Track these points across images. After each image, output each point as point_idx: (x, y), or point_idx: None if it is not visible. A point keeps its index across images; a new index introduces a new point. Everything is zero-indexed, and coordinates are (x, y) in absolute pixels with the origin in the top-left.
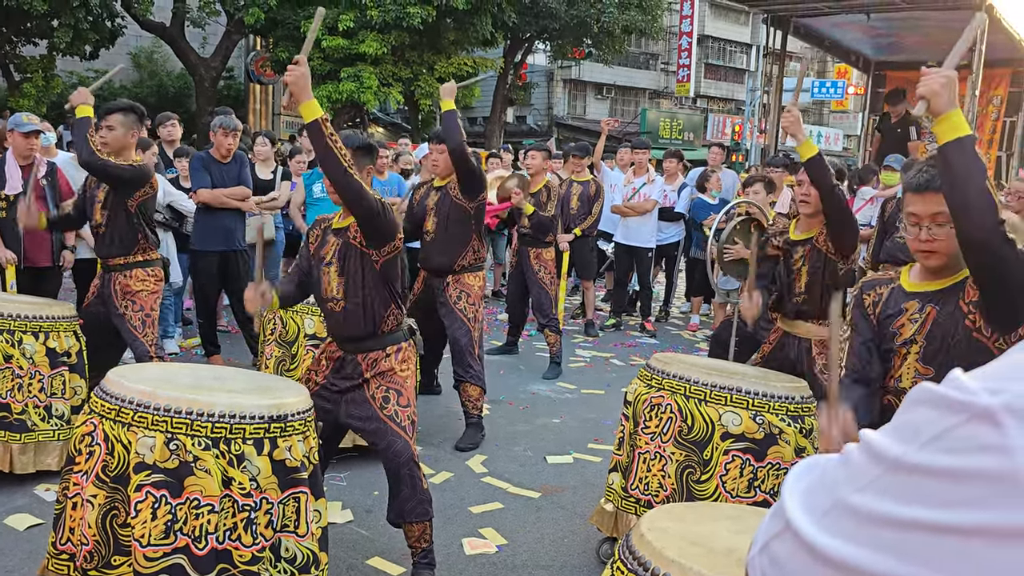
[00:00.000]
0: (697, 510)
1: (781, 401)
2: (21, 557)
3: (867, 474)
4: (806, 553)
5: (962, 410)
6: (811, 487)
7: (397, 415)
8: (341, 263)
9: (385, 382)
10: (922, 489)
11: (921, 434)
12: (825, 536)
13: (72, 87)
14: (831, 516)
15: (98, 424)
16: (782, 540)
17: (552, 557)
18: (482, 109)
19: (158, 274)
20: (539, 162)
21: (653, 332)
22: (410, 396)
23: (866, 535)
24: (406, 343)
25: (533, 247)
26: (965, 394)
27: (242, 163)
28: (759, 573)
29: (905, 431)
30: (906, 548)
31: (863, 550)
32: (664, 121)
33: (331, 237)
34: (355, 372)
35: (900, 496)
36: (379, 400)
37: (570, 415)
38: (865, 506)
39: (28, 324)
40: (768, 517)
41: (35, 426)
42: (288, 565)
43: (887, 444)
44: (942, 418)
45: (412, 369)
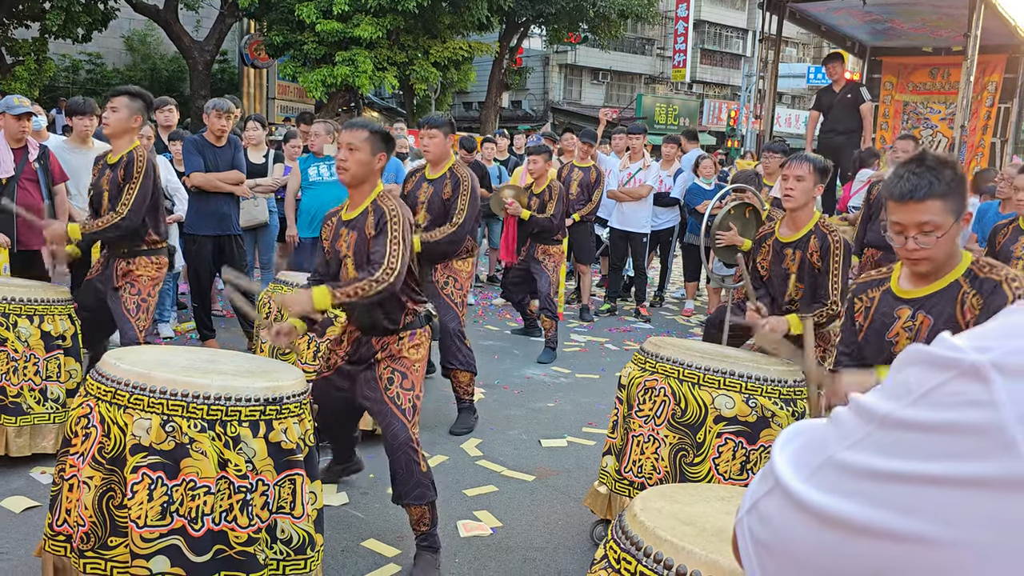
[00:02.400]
0: (689, 491)
1: (774, 384)
2: (17, 539)
3: (857, 431)
4: (796, 509)
5: (951, 367)
6: (801, 448)
7: (399, 397)
8: (356, 258)
9: (393, 364)
10: (912, 443)
11: (911, 391)
12: (815, 492)
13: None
14: (821, 473)
15: (94, 406)
16: (771, 498)
17: (546, 539)
18: (477, 94)
19: (161, 261)
20: (541, 165)
21: (648, 317)
22: (415, 380)
23: (857, 489)
24: (421, 329)
25: (542, 243)
26: (954, 352)
27: (236, 147)
28: (747, 533)
29: (895, 389)
30: (897, 500)
31: (854, 504)
32: (660, 106)
33: (343, 229)
34: (369, 353)
35: (890, 451)
36: (384, 381)
37: (564, 399)
38: (856, 462)
39: (23, 307)
40: (756, 479)
41: (31, 409)
42: (284, 546)
43: (876, 402)
44: (931, 375)
45: (424, 354)
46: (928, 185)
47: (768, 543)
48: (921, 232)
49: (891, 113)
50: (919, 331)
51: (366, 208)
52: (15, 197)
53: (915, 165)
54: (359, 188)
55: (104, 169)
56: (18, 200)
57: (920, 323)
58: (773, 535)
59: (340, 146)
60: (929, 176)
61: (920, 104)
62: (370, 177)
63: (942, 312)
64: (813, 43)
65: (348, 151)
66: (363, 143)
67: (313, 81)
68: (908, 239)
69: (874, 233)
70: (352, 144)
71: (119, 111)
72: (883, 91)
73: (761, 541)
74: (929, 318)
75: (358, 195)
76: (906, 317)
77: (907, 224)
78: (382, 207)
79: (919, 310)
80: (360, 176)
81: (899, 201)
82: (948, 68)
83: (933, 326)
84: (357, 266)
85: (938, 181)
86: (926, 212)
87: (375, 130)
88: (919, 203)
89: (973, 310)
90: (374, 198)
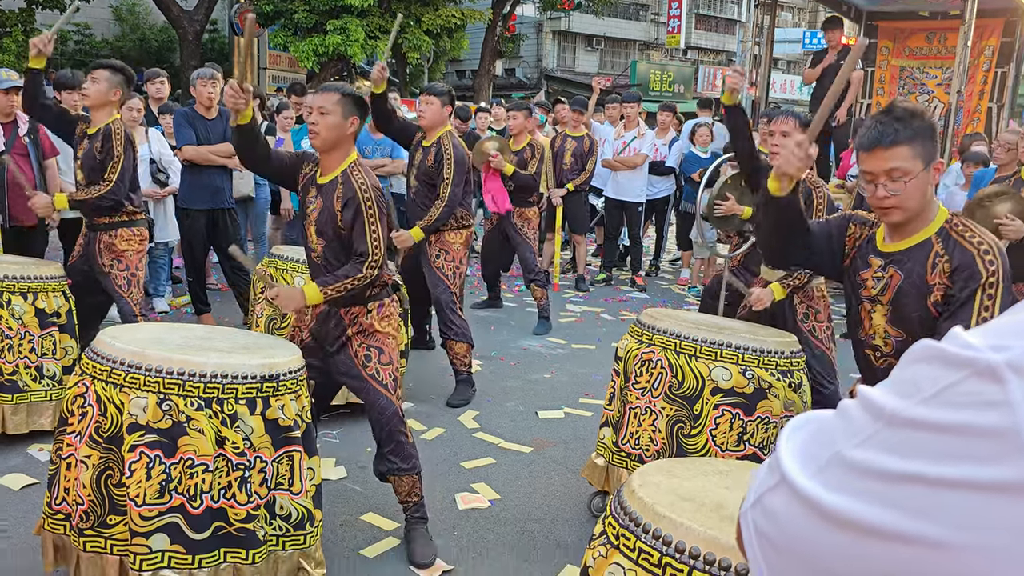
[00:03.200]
0: (688, 465)
1: (771, 356)
2: (16, 516)
3: (866, 428)
4: (802, 506)
5: (965, 366)
6: (807, 441)
7: (379, 373)
8: (319, 225)
9: (367, 340)
10: (923, 443)
11: (922, 389)
12: (822, 490)
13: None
14: (829, 470)
15: (90, 385)
16: (777, 493)
17: (544, 511)
18: (470, 62)
19: (143, 234)
20: (520, 122)
21: (643, 286)
22: (392, 353)
23: (865, 489)
24: (388, 299)
25: (518, 206)
26: (968, 350)
27: (227, 119)
28: (752, 526)
29: (905, 386)
30: (907, 502)
31: (862, 504)
32: (655, 73)
33: (312, 189)
34: (338, 329)
35: (901, 450)
36: (361, 358)
37: (561, 370)
38: (865, 460)
39: (16, 285)
40: (762, 471)
41: (26, 387)
42: (283, 522)
43: (886, 399)
44: (944, 374)
45: (395, 325)
46: (894, 132)
47: (773, 539)
48: (890, 179)
49: (887, 79)
50: (888, 285)
51: (335, 177)
52: (5, 171)
53: (883, 115)
54: (331, 153)
55: (82, 137)
56: (9, 174)
57: (891, 276)
58: (778, 531)
59: (312, 110)
60: (896, 124)
61: (916, 69)
62: (342, 142)
63: (912, 270)
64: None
65: (319, 115)
66: (334, 106)
67: (304, 51)
68: (878, 187)
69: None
70: (323, 108)
71: (99, 83)
72: (879, 56)
73: (766, 536)
74: (900, 274)
75: (330, 160)
76: (876, 267)
77: (876, 172)
78: (352, 183)
79: (890, 263)
80: (331, 140)
81: (868, 150)
82: (945, 32)
83: (903, 283)
84: (318, 232)
85: (904, 127)
86: (894, 158)
87: (346, 93)
88: (886, 149)
89: (943, 275)
90: (345, 167)
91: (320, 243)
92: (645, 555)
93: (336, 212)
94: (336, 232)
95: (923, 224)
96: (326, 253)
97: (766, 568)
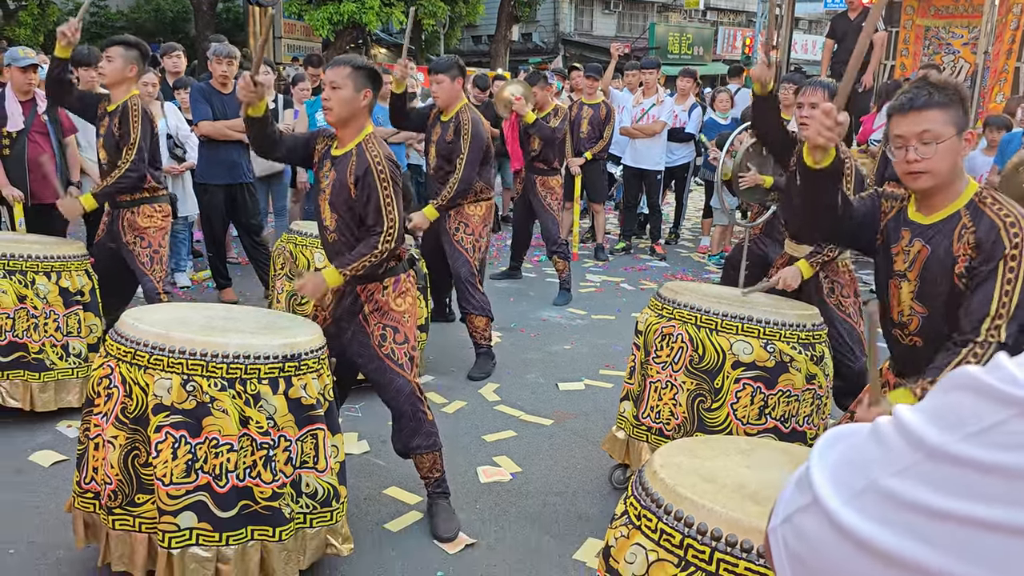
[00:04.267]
0: (711, 444)
1: (792, 329)
2: (47, 493)
3: (904, 458)
4: (834, 531)
5: (1011, 403)
6: (840, 463)
7: (394, 353)
8: (332, 198)
9: (383, 319)
10: (966, 482)
11: (966, 424)
12: (856, 517)
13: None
14: (864, 497)
15: (115, 367)
16: (809, 514)
17: (565, 484)
18: (487, 27)
19: (165, 210)
20: (540, 95)
21: (663, 255)
22: (408, 332)
23: (901, 521)
24: (404, 274)
25: (540, 175)
26: (1016, 388)
27: None
28: (782, 543)
29: (946, 417)
30: (943, 539)
31: (897, 536)
32: (673, 35)
33: (327, 163)
34: (355, 306)
35: (941, 487)
36: (377, 338)
37: (581, 341)
38: (902, 492)
39: (40, 264)
40: (792, 486)
41: (53, 365)
42: (309, 500)
43: (926, 429)
44: (990, 410)
45: (412, 302)
46: (928, 95)
47: (803, 558)
48: (921, 142)
49: (911, 39)
50: (916, 259)
51: (350, 150)
52: (26, 150)
53: (918, 82)
54: (346, 127)
55: (103, 115)
56: (29, 153)
57: (918, 251)
58: (809, 551)
59: (324, 84)
60: (930, 89)
61: (942, 29)
62: (357, 115)
63: (939, 243)
64: None
65: (331, 89)
66: (345, 80)
67: (319, 19)
68: (909, 150)
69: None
70: (335, 82)
71: (114, 60)
72: (904, 16)
73: (796, 555)
74: (927, 247)
75: (345, 134)
76: (906, 240)
77: (908, 135)
78: (367, 157)
79: (918, 237)
80: (345, 115)
81: (900, 112)
82: None
83: (930, 256)
84: (331, 206)
85: (939, 93)
86: (926, 121)
87: (358, 66)
88: (919, 112)
89: (967, 246)
90: (360, 140)
91: (334, 218)
92: (667, 536)
93: (349, 185)
94: (349, 206)
95: (953, 197)
96: (340, 228)
97: None
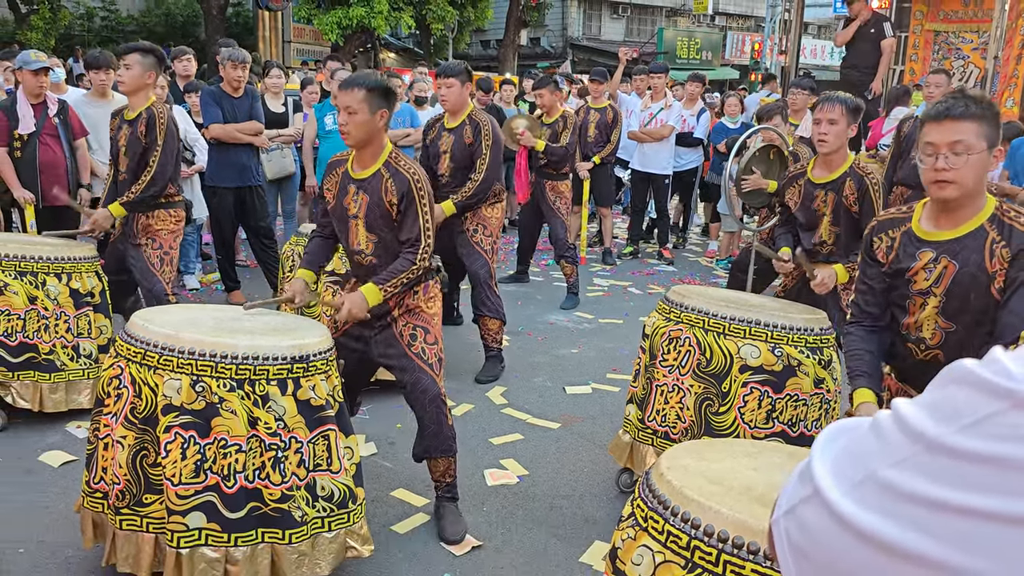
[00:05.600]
0: (717, 447)
1: (800, 333)
2: (57, 493)
3: (902, 450)
4: (834, 522)
5: (1006, 397)
6: (841, 455)
7: (424, 352)
8: (369, 221)
9: (412, 320)
10: (962, 473)
11: (962, 416)
12: (856, 507)
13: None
14: (863, 488)
15: (124, 367)
16: (810, 506)
17: (572, 487)
18: (495, 32)
19: (180, 215)
20: (548, 98)
21: (671, 259)
22: (437, 334)
23: (899, 511)
24: (432, 281)
25: (549, 179)
26: (1010, 381)
27: (253, 97)
28: (784, 535)
29: (943, 410)
30: (942, 530)
31: (895, 526)
32: (682, 40)
33: (351, 187)
34: (383, 311)
35: (938, 477)
36: (406, 338)
37: (588, 345)
38: (900, 483)
39: (51, 265)
40: (794, 479)
41: (64, 366)
42: (326, 503)
43: (923, 422)
44: (984, 403)
45: (439, 306)
46: (965, 106)
47: (805, 549)
48: (952, 151)
49: (921, 44)
50: (943, 276)
51: (378, 170)
52: (37, 152)
53: (955, 93)
54: (366, 148)
55: (121, 124)
56: (40, 156)
57: (944, 267)
58: (810, 542)
59: (339, 109)
60: (967, 101)
61: (952, 34)
62: (375, 136)
63: (968, 259)
64: None
65: (348, 115)
66: (361, 104)
67: (328, 23)
68: (939, 158)
69: (904, 171)
70: (350, 107)
71: (132, 68)
72: (913, 20)
73: (798, 546)
74: (954, 264)
75: (366, 155)
76: (928, 259)
77: (940, 143)
78: (403, 173)
79: (942, 254)
80: (364, 138)
81: (935, 120)
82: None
83: (959, 272)
84: (368, 228)
85: (975, 106)
86: (960, 131)
87: (371, 87)
88: (954, 121)
89: (1002, 261)
90: (386, 159)
91: (371, 241)
92: (674, 538)
93: (388, 203)
94: (389, 224)
95: (975, 211)
96: (378, 250)
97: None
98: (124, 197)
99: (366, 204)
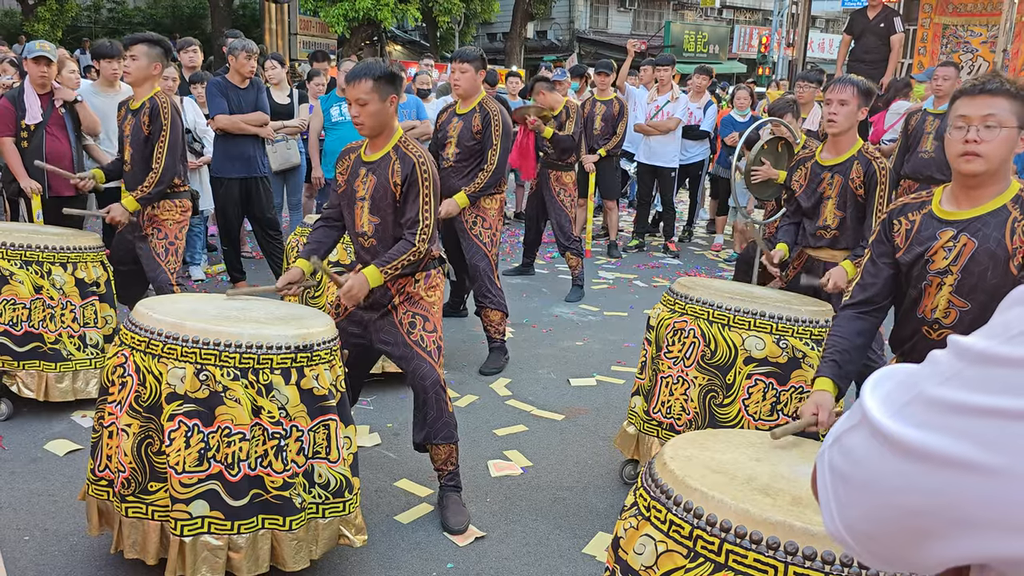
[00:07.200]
0: (721, 437)
1: (805, 325)
2: (62, 481)
3: (951, 368)
4: (879, 442)
5: None
6: (893, 388)
7: (423, 340)
8: (374, 202)
9: (412, 307)
10: (1002, 378)
11: (1010, 328)
12: (901, 425)
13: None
14: (910, 407)
15: (129, 356)
16: (856, 431)
17: (576, 479)
18: (502, 25)
19: (185, 205)
20: (547, 98)
21: (676, 253)
22: (436, 322)
23: (945, 423)
24: (435, 270)
25: (554, 170)
26: None
27: (259, 88)
28: (827, 464)
29: (994, 328)
30: (982, 434)
31: (938, 436)
32: (689, 33)
33: (362, 170)
34: (384, 298)
35: (979, 386)
36: (406, 325)
37: (593, 337)
38: (944, 397)
39: (56, 255)
40: (844, 416)
41: (71, 355)
42: (322, 490)
43: (973, 341)
44: None
45: (440, 295)
46: (999, 83)
47: (846, 474)
48: (984, 125)
49: (929, 37)
50: (961, 253)
51: (387, 153)
52: (44, 143)
53: (990, 72)
54: (380, 134)
55: (127, 114)
56: (47, 146)
57: (963, 245)
58: (853, 465)
59: (350, 102)
60: (1002, 79)
61: (960, 27)
62: (387, 121)
63: (988, 236)
64: None
65: (359, 106)
66: (371, 94)
67: (335, 15)
68: (970, 130)
69: (911, 164)
70: (360, 99)
71: (138, 59)
72: (921, 14)
73: (839, 471)
74: (973, 241)
75: (379, 140)
76: (947, 238)
77: (973, 116)
78: (410, 156)
79: (962, 232)
80: (378, 126)
81: (969, 94)
82: None
83: (977, 250)
84: (372, 210)
85: (1011, 85)
86: (993, 105)
87: (378, 76)
88: (990, 95)
89: (1023, 239)
90: (395, 143)
91: (373, 224)
92: (676, 527)
93: (392, 184)
94: (393, 206)
95: (998, 190)
96: (379, 232)
97: (835, 505)
98: (137, 192)
99: (373, 185)
